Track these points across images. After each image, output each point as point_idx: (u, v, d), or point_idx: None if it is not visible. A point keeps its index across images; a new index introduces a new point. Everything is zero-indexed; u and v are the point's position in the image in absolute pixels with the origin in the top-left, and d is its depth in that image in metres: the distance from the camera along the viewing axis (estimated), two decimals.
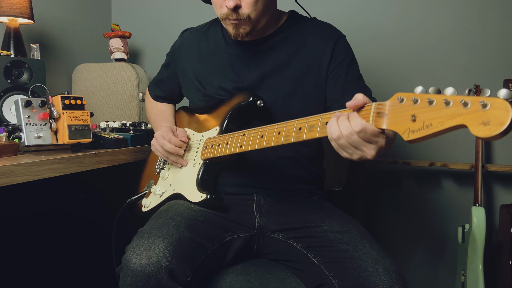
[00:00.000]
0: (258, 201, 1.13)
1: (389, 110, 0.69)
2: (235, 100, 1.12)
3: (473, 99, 0.58)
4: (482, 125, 0.56)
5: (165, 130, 1.15)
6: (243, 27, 1.06)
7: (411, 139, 0.65)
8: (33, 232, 1.39)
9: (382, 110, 0.70)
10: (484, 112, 0.56)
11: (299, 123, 0.85)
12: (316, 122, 0.82)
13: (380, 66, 1.83)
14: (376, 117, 0.71)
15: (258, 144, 0.93)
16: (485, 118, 0.56)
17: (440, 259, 1.84)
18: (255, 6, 1.03)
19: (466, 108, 0.58)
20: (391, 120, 0.68)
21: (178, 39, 1.31)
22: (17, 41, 1.52)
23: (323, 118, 0.81)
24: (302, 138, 0.84)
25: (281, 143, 0.88)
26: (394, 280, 0.89)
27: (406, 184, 1.86)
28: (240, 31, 1.06)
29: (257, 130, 0.95)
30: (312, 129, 0.82)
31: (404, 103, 0.66)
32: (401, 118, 0.67)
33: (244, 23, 1.05)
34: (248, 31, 1.06)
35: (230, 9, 1.01)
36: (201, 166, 1.11)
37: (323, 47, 1.11)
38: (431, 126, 0.62)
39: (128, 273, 0.88)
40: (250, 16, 1.03)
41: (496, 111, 0.55)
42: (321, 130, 0.80)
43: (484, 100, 0.57)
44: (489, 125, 0.56)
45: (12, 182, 0.94)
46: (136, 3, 2.19)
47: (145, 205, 1.21)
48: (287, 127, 0.88)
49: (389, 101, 0.69)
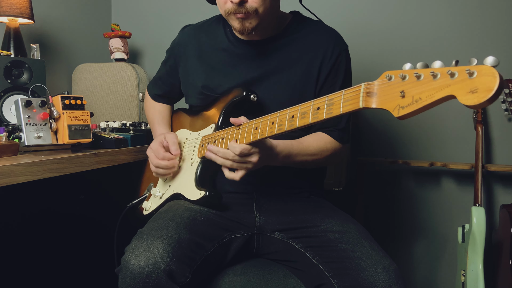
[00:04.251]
0: (258, 200, 1.13)
1: (378, 89, 0.69)
2: (229, 96, 1.12)
3: (459, 68, 0.58)
4: (470, 93, 0.56)
5: (156, 148, 1.15)
6: (250, 21, 1.04)
7: (401, 115, 0.65)
8: (33, 232, 1.39)
9: (371, 90, 0.70)
10: (471, 80, 0.57)
11: (291, 111, 0.86)
12: (308, 109, 0.82)
13: (379, 64, 1.83)
14: (366, 97, 0.71)
15: (253, 136, 0.92)
16: (473, 86, 0.56)
17: (440, 259, 1.84)
18: (264, 1, 1.02)
19: (453, 79, 0.59)
20: (380, 99, 0.69)
21: (178, 35, 1.30)
22: (17, 41, 1.52)
23: (314, 104, 0.81)
24: (296, 126, 0.84)
25: (275, 133, 0.88)
26: (393, 280, 0.89)
27: (406, 184, 1.86)
28: (246, 25, 1.05)
29: (251, 122, 0.95)
30: (305, 115, 0.83)
31: (393, 81, 0.67)
32: (390, 95, 0.67)
33: (251, 17, 1.03)
34: (254, 25, 1.05)
35: (236, 3, 1.01)
36: (198, 164, 1.11)
37: (325, 57, 1.11)
38: (420, 100, 0.62)
39: (127, 274, 0.88)
40: (258, 10, 1.02)
41: (483, 78, 0.56)
42: (313, 116, 0.81)
43: (470, 69, 0.57)
44: (477, 92, 0.56)
45: (12, 182, 0.95)
46: (136, 3, 2.19)
47: (146, 208, 1.21)
48: (280, 116, 0.88)
49: (378, 80, 0.70)
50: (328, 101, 0.78)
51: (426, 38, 1.76)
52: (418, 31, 1.77)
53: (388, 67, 1.79)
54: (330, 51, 1.11)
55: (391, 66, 1.81)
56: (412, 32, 1.78)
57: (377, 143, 1.87)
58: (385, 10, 1.81)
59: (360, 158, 1.83)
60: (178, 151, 1.14)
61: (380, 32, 1.82)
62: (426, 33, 1.76)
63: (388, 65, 1.82)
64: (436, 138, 1.79)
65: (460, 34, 1.73)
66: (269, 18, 1.08)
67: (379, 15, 1.82)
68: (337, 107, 0.76)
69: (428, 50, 1.77)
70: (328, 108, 0.78)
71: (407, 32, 1.79)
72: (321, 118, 0.79)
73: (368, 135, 1.88)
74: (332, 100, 0.78)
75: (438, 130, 1.78)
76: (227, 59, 1.17)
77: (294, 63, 1.12)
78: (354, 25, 1.84)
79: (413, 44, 1.78)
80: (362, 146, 1.89)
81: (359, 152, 1.89)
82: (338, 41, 1.14)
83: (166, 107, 1.38)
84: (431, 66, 0.63)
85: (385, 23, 1.81)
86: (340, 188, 1.62)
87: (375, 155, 1.87)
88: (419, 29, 1.77)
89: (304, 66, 1.12)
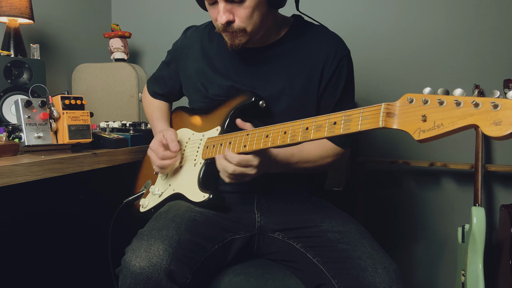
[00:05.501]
0: (259, 200, 1.13)
1: (399, 111, 0.70)
2: (237, 100, 1.11)
3: (484, 100, 0.60)
4: (493, 125, 0.59)
5: (155, 147, 1.14)
6: (239, 39, 1.04)
7: (422, 139, 0.66)
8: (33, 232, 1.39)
9: (392, 110, 0.71)
10: (495, 112, 0.59)
11: (305, 123, 0.85)
12: (324, 122, 0.82)
13: (379, 66, 1.83)
14: (386, 117, 0.71)
15: (263, 143, 0.92)
16: (497, 118, 0.58)
17: (440, 259, 1.84)
18: (250, 20, 1.01)
19: (477, 109, 0.60)
20: (401, 120, 0.69)
21: (180, 37, 1.29)
22: (17, 41, 1.52)
23: (330, 118, 0.81)
24: (310, 138, 0.84)
25: (288, 142, 0.87)
26: (393, 280, 0.89)
27: (406, 184, 1.86)
28: (236, 42, 1.05)
29: (261, 129, 0.94)
30: (320, 129, 0.82)
31: (414, 104, 0.68)
32: (411, 118, 0.68)
33: (239, 35, 1.03)
34: (244, 42, 1.05)
35: (223, 24, 1.01)
36: (202, 165, 1.10)
37: (327, 62, 1.10)
38: (442, 126, 0.64)
39: (127, 275, 0.88)
40: (246, 29, 1.02)
41: (507, 111, 0.58)
42: (329, 130, 0.80)
43: (495, 101, 0.59)
44: (501, 125, 0.58)
45: (12, 182, 0.95)
46: (136, 3, 2.19)
47: (143, 205, 1.20)
48: (293, 127, 0.87)
49: (399, 101, 0.70)
50: (346, 117, 0.78)
51: (427, 39, 1.77)
52: (419, 33, 1.78)
53: (390, 71, 1.80)
54: (332, 56, 1.10)
55: (391, 67, 1.81)
56: (413, 34, 1.78)
57: (377, 143, 1.87)
58: (387, 13, 1.81)
59: (360, 158, 1.83)
60: (178, 147, 1.13)
61: (382, 35, 1.82)
62: (427, 34, 1.76)
63: (390, 69, 1.82)
64: None
65: (460, 35, 1.73)
66: (261, 32, 1.07)
67: (381, 18, 1.82)
68: (355, 124, 0.76)
69: (428, 51, 1.77)
70: (346, 124, 0.78)
71: (409, 35, 1.79)
72: (338, 133, 0.79)
73: (368, 135, 1.88)
74: (350, 117, 0.77)
75: None
76: (229, 63, 1.16)
77: (296, 69, 1.11)
78: (355, 29, 1.84)
79: (415, 45, 1.78)
80: (362, 146, 1.89)
81: (359, 152, 1.89)
82: (340, 45, 1.13)
83: (165, 104, 1.37)
84: (452, 93, 0.65)
85: (386, 26, 1.82)
86: (340, 188, 1.62)
87: (375, 155, 1.87)
88: (420, 31, 1.77)
89: (306, 71, 1.11)
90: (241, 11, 1.00)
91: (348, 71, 1.13)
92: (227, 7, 0.99)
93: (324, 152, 1.10)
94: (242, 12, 1.00)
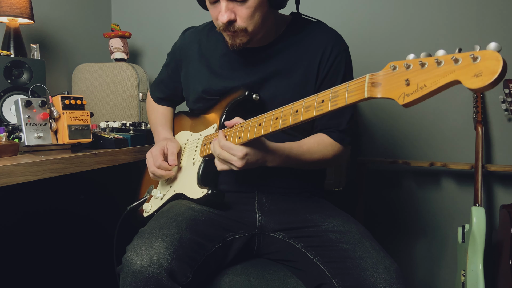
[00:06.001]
0: (259, 199, 1.13)
1: (383, 79, 0.70)
2: (231, 97, 1.12)
3: (463, 54, 0.60)
4: (474, 77, 0.58)
5: (156, 154, 1.14)
6: (240, 38, 1.04)
7: (406, 102, 0.66)
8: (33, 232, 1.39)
9: (376, 80, 0.71)
10: (475, 65, 0.58)
11: (295, 106, 0.86)
12: (312, 102, 0.82)
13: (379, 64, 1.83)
14: (371, 88, 0.72)
15: (257, 132, 0.92)
16: (477, 70, 0.58)
17: (440, 259, 1.84)
18: (251, 20, 1.01)
19: (458, 64, 0.60)
20: (385, 88, 0.70)
21: (179, 39, 1.30)
22: (17, 41, 1.52)
23: (318, 97, 0.81)
24: (300, 119, 0.84)
25: (279, 127, 0.88)
26: (394, 280, 0.89)
27: (406, 184, 1.86)
28: (237, 42, 1.05)
29: (254, 119, 0.94)
30: (309, 109, 0.82)
31: (397, 70, 0.68)
32: (395, 84, 0.68)
33: (240, 35, 1.03)
34: (245, 41, 1.05)
35: (224, 23, 1.01)
36: (201, 163, 1.11)
37: (324, 57, 1.10)
38: (425, 87, 0.64)
39: (128, 273, 0.88)
40: (247, 29, 1.02)
41: (487, 61, 0.57)
42: (317, 109, 0.81)
43: (474, 54, 0.58)
44: (481, 75, 0.57)
45: (12, 182, 0.94)
46: (136, 3, 2.19)
47: (146, 210, 1.21)
48: (284, 111, 0.88)
49: (383, 70, 0.71)
50: (333, 93, 0.79)
51: (426, 37, 1.76)
52: (419, 33, 1.78)
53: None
54: (329, 50, 1.11)
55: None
56: (413, 34, 1.78)
57: (377, 143, 1.87)
58: (386, 10, 1.81)
59: (360, 158, 1.83)
60: (175, 162, 1.14)
61: (381, 32, 1.82)
62: (427, 34, 1.76)
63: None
64: (436, 138, 1.79)
65: (460, 34, 1.73)
66: (261, 32, 1.07)
67: (380, 15, 1.82)
68: (342, 98, 0.76)
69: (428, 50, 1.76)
70: (333, 100, 0.78)
71: (408, 31, 1.79)
72: (326, 110, 0.79)
73: (368, 135, 1.88)
74: (337, 92, 0.78)
75: (438, 130, 1.78)
76: (227, 64, 1.16)
77: (294, 65, 1.12)
78: (355, 26, 1.84)
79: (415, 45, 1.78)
80: (362, 146, 1.89)
81: (359, 152, 1.89)
82: (337, 40, 1.13)
83: (169, 110, 1.37)
84: (434, 55, 0.65)
85: (385, 23, 1.82)
86: (340, 188, 1.62)
87: (375, 155, 1.87)
88: (420, 31, 1.77)
89: (304, 67, 1.11)
90: (243, 11, 1.00)
91: (346, 66, 1.13)
92: (229, 6, 0.99)
93: (323, 148, 1.10)
94: (244, 11, 1.00)
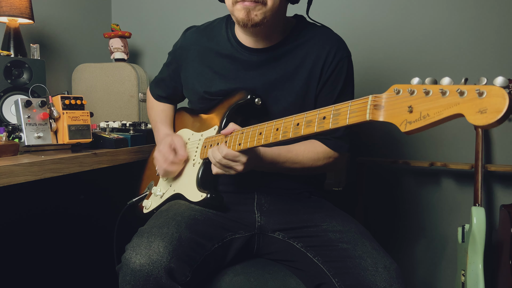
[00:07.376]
0: (259, 200, 1.13)
1: (386, 102, 0.69)
2: (233, 99, 1.11)
3: (469, 87, 0.58)
4: (479, 113, 0.56)
5: (166, 150, 1.14)
6: (256, 13, 1.01)
7: (408, 130, 0.65)
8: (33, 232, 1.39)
9: (379, 103, 0.70)
10: (480, 100, 0.56)
11: (296, 119, 0.85)
12: (314, 117, 0.82)
13: (379, 64, 1.83)
14: (373, 110, 0.70)
15: (257, 141, 0.92)
16: (482, 106, 0.56)
17: (440, 259, 1.84)
18: None
19: (463, 97, 0.58)
20: (387, 112, 0.68)
21: (180, 38, 1.28)
22: (17, 41, 1.52)
23: (320, 112, 0.81)
24: (301, 134, 0.83)
25: (280, 139, 0.87)
26: (394, 279, 0.89)
27: (406, 184, 1.86)
28: (252, 16, 1.02)
29: (255, 127, 0.94)
30: (310, 124, 0.82)
31: (401, 95, 0.66)
32: (398, 109, 0.66)
33: (258, 7, 1.01)
34: (260, 18, 1.02)
35: None
36: (200, 165, 1.11)
37: (326, 62, 1.10)
38: (428, 116, 0.62)
39: (127, 272, 0.88)
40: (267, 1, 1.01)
41: (492, 98, 0.55)
42: (318, 125, 0.80)
43: (480, 88, 0.56)
44: (486, 113, 0.55)
45: (12, 182, 0.94)
46: (136, 3, 2.19)
47: (146, 206, 1.21)
48: (285, 123, 0.87)
49: (386, 93, 0.69)
50: (335, 111, 0.78)
51: (427, 39, 1.77)
52: (419, 33, 1.77)
53: (387, 65, 1.80)
54: (331, 56, 1.10)
55: (391, 66, 1.82)
56: (414, 34, 1.78)
57: (377, 143, 1.87)
58: (387, 13, 1.81)
59: (360, 158, 1.83)
60: (186, 154, 1.15)
61: (382, 36, 1.82)
62: (427, 34, 1.76)
63: (391, 69, 1.82)
64: (436, 138, 1.79)
65: (460, 34, 1.73)
66: (274, 16, 1.05)
67: (381, 19, 1.82)
68: (344, 117, 0.75)
69: (429, 51, 1.77)
70: (334, 118, 0.77)
71: (410, 34, 1.79)
72: (327, 128, 0.79)
73: (368, 135, 1.88)
74: (339, 110, 0.77)
75: (438, 130, 1.78)
76: (229, 65, 1.15)
77: (297, 69, 1.11)
78: (355, 26, 1.84)
79: (415, 45, 1.78)
80: (362, 146, 1.89)
81: (359, 152, 1.89)
82: (340, 46, 1.12)
83: (169, 107, 1.37)
84: (439, 82, 0.63)
85: (387, 25, 1.82)
86: (340, 188, 1.62)
87: (375, 155, 1.87)
88: (420, 31, 1.77)
89: (306, 72, 1.11)
90: None
91: (347, 73, 1.12)
92: None
93: (314, 155, 1.09)
94: None
